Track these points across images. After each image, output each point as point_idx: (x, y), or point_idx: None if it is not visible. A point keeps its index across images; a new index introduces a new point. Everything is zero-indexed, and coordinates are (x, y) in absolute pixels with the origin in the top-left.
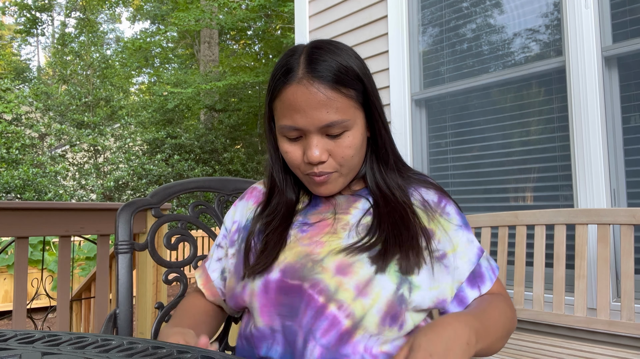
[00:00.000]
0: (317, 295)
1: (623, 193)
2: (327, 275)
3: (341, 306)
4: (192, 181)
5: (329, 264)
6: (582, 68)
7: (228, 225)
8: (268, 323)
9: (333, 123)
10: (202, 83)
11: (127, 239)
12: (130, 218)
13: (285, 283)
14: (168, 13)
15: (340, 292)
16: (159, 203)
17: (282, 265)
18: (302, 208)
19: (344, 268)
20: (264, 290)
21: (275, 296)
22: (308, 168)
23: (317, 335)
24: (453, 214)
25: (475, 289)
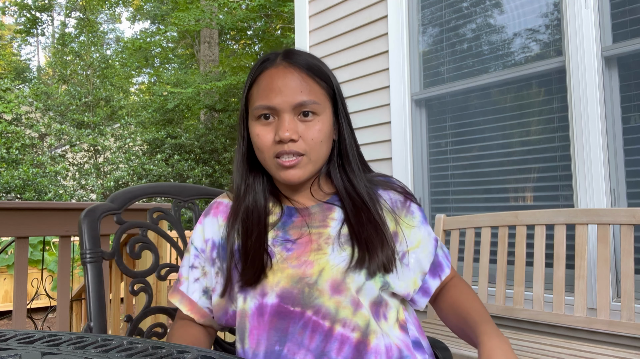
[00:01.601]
0: (322, 320)
1: (623, 193)
2: (325, 297)
3: (345, 324)
4: (151, 187)
5: (323, 285)
6: (582, 69)
7: (199, 244)
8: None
9: (306, 102)
10: (202, 83)
11: (95, 247)
12: (97, 225)
13: (284, 308)
14: (168, 13)
15: (341, 311)
16: (120, 208)
17: (279, 289)
18: (277, 221)
19: (338, 286)
20: (257, 313)
21: (269, 319)
22: (279, 148)
23: (331, 356)
24: (416, 212)
25: (437, 278)
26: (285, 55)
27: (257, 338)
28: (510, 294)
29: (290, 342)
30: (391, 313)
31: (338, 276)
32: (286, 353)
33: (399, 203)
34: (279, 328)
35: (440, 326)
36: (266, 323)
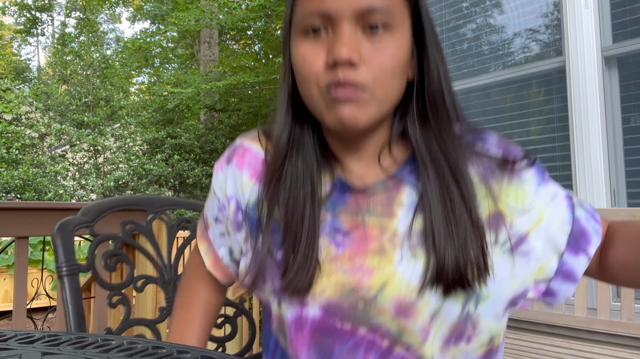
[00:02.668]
0: (379, 339)
1: (623, 193)
2: (386, 317)
3: (409, 348)
4: (121, 199)
5: (385, 304)
6: (582, 69)
7: (221, 198)
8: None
9: (374, 8)
10: (202, 83)
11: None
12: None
13: (329, 324)
14: (168, 13)
15: (406, 336)
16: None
17: (323, 300)
18: (327, 196)
19: (406, 309)
20: (296, 326)
21: (310, 335)
22: (330, 77)
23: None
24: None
25: (582, 254)
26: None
27: (296, 352)
28: None
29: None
30: (479, 337)
31: (407, 296)
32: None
33: (497, 167)
34: (321, 346)
35: None
36: (306, 338)
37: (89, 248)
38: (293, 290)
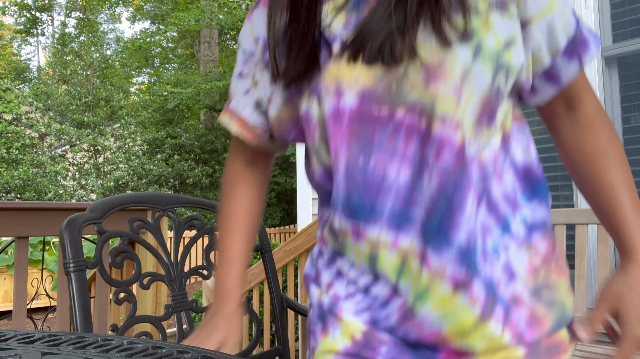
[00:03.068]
0: (417, 120)
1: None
2: (418, 90)
3: (445, 121)
4: (129, 197)
5: (414, 74)
6: None
7: (247, 45)
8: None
9: None
10: (202, 83)
11: (77, 257)
12: (78, 235)
13: (367, 111)
14: (168, 13)
15: (439, 104)
16: (100, 218)
17: (358, 87)
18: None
19: (434, 71)
20: (334, 119)
21: (349, 126)
22: None
23: (429, 161)
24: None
25: (575, 60)
26: None
27: (335, 148)
28: None
29: (378, 152)
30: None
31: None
32: (373, 167)
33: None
34: (361, 137)
35: None
36: (345, 131)
37: (97, 245)
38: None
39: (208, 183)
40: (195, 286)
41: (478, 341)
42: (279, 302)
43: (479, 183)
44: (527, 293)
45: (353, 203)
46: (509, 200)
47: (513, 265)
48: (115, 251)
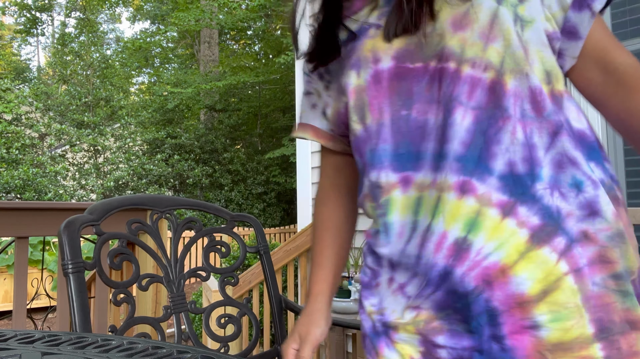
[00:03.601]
0: (448, 64)
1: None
2: (447, 37)
3: (475, 63)
4: (128, 199)
5: (443, 23)
6: None
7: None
8: (377, 119)
9: None
10: (202, 83)
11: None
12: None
13: (403, 68)
14: (168, 13)
15: (468, 49)
16: (99, 219)
17: (392, 51)
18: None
19: (460, 20)
20: (374, 81)
21: (388, 85)
22: None
23: (462, 99)
24: None
25: (585, 10)
26: None
27: (380, 108)
28: None
29: (418, 102)
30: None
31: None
32: (415, 116)
33: None
34: (401, 91)
35: None
36: (386, 90)
37: (95, 246)
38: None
39: (208, 183)
40: (195, 286)
41: (531, 270)
42: (278, 303)
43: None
44: (604, 236)
45: (399, 154)
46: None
47: (599, 204)
48: (113, 252)
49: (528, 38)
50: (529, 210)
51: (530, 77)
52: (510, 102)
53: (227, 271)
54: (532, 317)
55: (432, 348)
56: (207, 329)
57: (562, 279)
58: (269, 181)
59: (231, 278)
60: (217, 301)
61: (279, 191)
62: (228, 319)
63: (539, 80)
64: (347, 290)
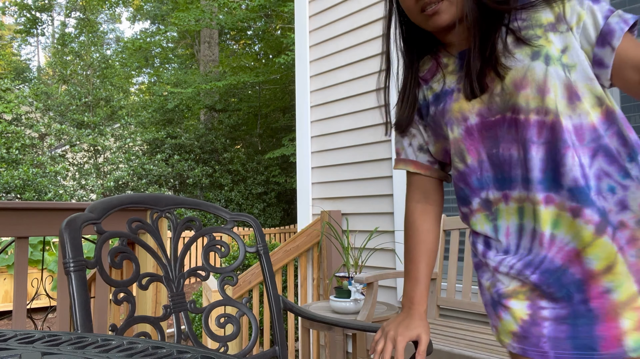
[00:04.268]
0: (517, 115)
1: None
2: (514, 96)
3: (538, 111)
4: (128, 197)
5: (509, 85)
6: None
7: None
8: (476, 158)
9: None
10: (202, 83)
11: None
12: (79, 234)
13: (487, 121)
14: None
15: (531, 102)
16: (100, 218)
17: (475, 110)
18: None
19: (520, 81)
20: (467, 134)
21: (479, 135)
22: (421, 5)
23: (534, 139)
24: None
25: (607, 46)
26: None
27: (477, 150)
28: None
29: (503, 142)
30: (587, 99)
31: (517, 73)
32: (502, 152)
33: None
34: (490, 137)
35: (440, 326)
36: (477, 138)
37: (96, 245)
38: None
39: (208, 183)
40: (195, 286)
41: (597, 253)
42: (277, 303)
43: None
44: (633, 221)
45: (499, 179)
46: (620, 152)
47: (627, 201)
48: (114, 251)
49: (576, 78)
50: (591, 211)
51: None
52: (566, 135)
53: (226, 271)
54: (604, 285)
55: (537, 309)
56: (206, 329)
57: (616, 256)
58: (269, 181)
59: (230, 278)
60: (217, 300)
61: (279, 191)
62: (227, 319)
63: (592, 104)
64: (347, 290)
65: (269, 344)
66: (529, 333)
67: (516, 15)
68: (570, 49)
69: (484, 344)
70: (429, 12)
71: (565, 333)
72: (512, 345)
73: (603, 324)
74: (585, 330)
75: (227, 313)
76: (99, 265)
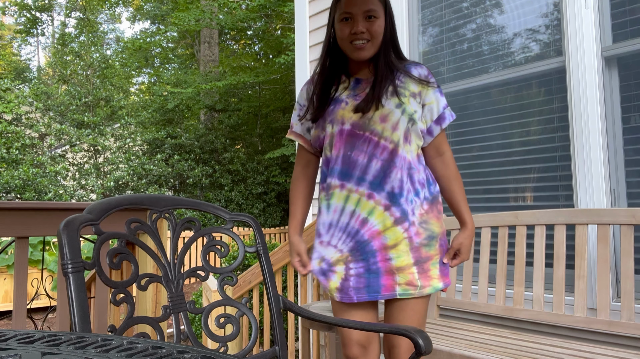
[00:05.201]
0: (374, 137)
1: (623, 193)
2: (377, 125)
3: (387, 139)
4: (126, 198)
5: (377, 116)
6: (582, 69)
7: (301, 101)
8: (335, 153)
9: (371, 9)
10: (202, 83)
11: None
12: (76, 236)
13: (355, 132)
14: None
15: (385, 132)
16: (98, 219)
17: (351, 121)
18: (349, 85)
19: (384, 117)
20: (339, 133)
21: (346, 138)
22: (353, 37)
23: (377, 155)
24: (432, 81)
25: (438, 126)
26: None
27: (338, 147)
28: (510, 294)
29: (356, 149)
30: (413, 144)
31: (385, 111)
32: (353, 156)
33: (424, 76)
34: (350, 142)
35: (440, 326)
36: (344, 139)
37: (94, 246)
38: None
39: (208, 183)
40: (195, 286)
41: (391, 235)
42: (276, 303)
43: (403, 167)
44: (417, 221)
45: (343, 172)
46: (420, 183)
47: (415, 209)
48: (112, 252)
49: (412, 130)
50: (396, 209)
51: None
52: (398, 159)
53: (225, 271)
54: (388, 254)
55: (348, 270)
56: (206, 329)
57: (402, 240)
58: (269, 181)
59: (230, 278)
60: (216, 301)
61: (279, 191)
62: (227, 319)
63: (415, 148)
64: None
65: (269, 344)
66: (344, 286)
67: (400, 75)
68: (417, 114)
69: (484, 344)
70: (357, 46)
71: (363, 283)
72: (336, 296)
73: (384, 278)
74: (374, 281)
75: (226, 313)
76: (97, 266)
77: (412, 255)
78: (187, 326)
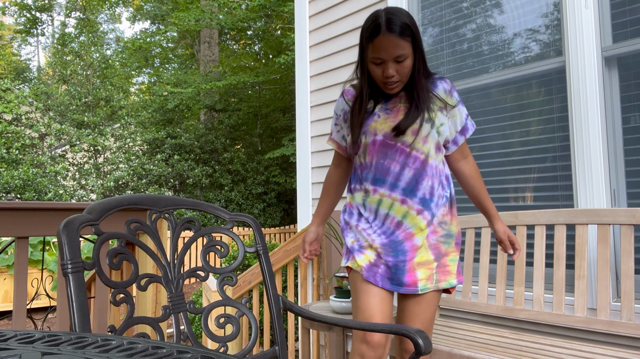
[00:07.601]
0: (405, 148)
1: (623, 193)
2: (408, 137)
3: (418, 150)
4: (126, 198)
5: (408, 132)
6: (582, 69)
7: (339, 112)
8: (369, 160)
9: (400, 55)
10: (202, 83)
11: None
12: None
13: (387, 142)
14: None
15: (416, 144)
16: (98, 219)
17: (383, 132)
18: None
19: (415, 131)
20: (372, 143)
21: (378, 147)
22: (385, 80)
23: (410, 164)
24: (455, 96)
25: (463, 136)
26: (387, 27)
27: (372, 155)
28: (511, 294)
29: (389, 158)
30: (441, 153)
31: (416, 126)
32: (385, 163)
33: (447, 91)
34: (382, 151)
35: (440, 326)
36: (377, 149)
37: (94, 246)
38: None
39: (208, 183)
40: (195, 286)
41: (422, 236)
42: (276, 303)
43: (434, 175)
44: (437, 221)
45: (375, 178)
46: (444, 186)
47: (439, 210)
48: (112, 252)
49: (441, 140)
50: (427, 213)
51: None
52: (429, 169)
53: (225, 271)
54: (415, 253)
55: (378, 259)
56: (206, 330)
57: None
58: (269, 181)
59: (230, 278)
60: (216, 301)
61: (279, 191)
62: (227, 319)
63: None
64: (347, 290)
65: (269, 344)
66: (371, 270)
67: None
68: (444, 127)
69: (484, 344)
70: (389, 86)
71: (388, 275)
72: (362, 273)
73: (408, 274)
74: (399, 276)
75: (226, 313)
76: (97, 266)
77: (431, 252)
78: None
